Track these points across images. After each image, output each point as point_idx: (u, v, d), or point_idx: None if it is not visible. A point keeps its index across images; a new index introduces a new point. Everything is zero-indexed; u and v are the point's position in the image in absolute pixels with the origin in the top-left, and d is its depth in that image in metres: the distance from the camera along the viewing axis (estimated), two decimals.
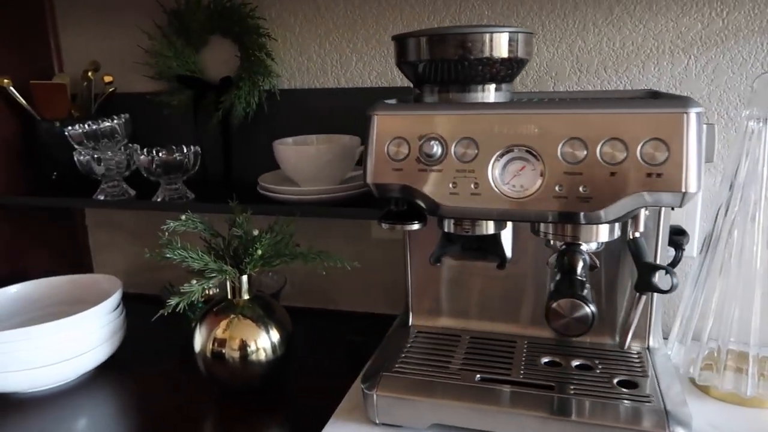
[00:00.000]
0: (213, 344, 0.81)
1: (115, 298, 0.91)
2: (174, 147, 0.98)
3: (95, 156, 0.97)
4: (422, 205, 0.65)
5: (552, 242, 0.67)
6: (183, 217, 0.81)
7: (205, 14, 1.03)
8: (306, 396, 0.83)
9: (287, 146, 0.95)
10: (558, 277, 0.59)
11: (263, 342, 0.81)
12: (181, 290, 0.77)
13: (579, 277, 0.59)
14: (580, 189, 0.59)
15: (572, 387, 0.67)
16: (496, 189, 0.61)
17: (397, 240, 1.04)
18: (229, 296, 0.83)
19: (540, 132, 0.60)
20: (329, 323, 1.06)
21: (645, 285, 0.62)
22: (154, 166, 0.95)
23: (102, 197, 1.00)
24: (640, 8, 0.87)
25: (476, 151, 0.62)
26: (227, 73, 1.07)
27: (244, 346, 0.80)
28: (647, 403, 0.63)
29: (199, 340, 0.83)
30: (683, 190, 0.56)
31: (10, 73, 1.05)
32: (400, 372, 0.71)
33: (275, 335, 0.82)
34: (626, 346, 0.70)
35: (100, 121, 0.99)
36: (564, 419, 0.63)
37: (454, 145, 0.62)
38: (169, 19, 1.06)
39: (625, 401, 0.64)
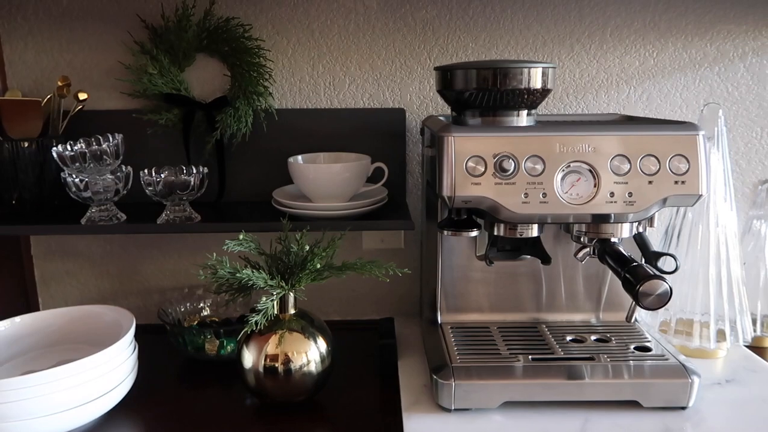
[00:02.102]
0: (265, 360, 0.83)
1: (132, 331, 0.87)
2: (183, 168, 0.96)
3: (82, 179, 0.91)
4: (495, 212, 0.76)
5: (582, 239, 0.82)
6: (240, 236, 0.82)
7: (193, 32, 1.02)
8: (350, 400, 0.88)
9: (308, 164, 0.99)
10: (628, 266, 0.74)
11: (313, 354, 0.85)
12: (258, 307, 0.78)
13: (641, 263, 0.74)
14: (626, 195, 0.74)
15: (606, 356, 0.82)
16: (560, 197, 0.74)
17: (385, 250, 1.13)
18: (276, 312, 0.85)
19: (594, 150, 0.74)
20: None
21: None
22: (160, 186, 0.92)
23: (93, 221, 0.94)
24: (594, 47, 1.07)
25: (543, 167, 0.74)
26: (213, 91, 1.07)
27: (296, 359, 0.83)
28: (665, 361, 0.81)
29: (248, 357, 0.84)
30: (699, 192, 0.74)
31: None
32: (465, 362, 0.81)
33: (322, 345, 0.86)
34: (632, 320, 0.87)
35: (92, 141, 0.93)
36: (613, 381, 0.78)
37: (524, 161, 0.74)
38: (151, 35, 1.03)
39: (649, 361, 0.81)
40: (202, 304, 1.12)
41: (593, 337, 0.88)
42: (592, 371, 0.79)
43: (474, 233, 0.81)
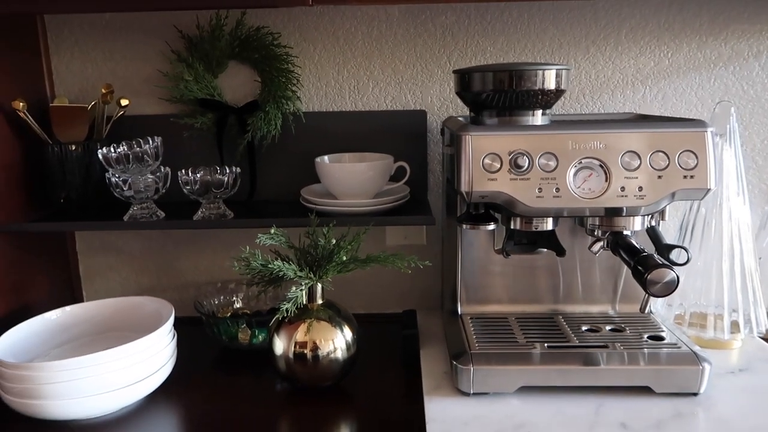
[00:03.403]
0: (294, 347, 0.89)
1: (171, 318, 0.93)
2: (218, 168, 1.02)
3: (125, 179, 0.98)
4: (511, 206, 0.80)
5: (596, 232, 0.86)
6: (272, 230, 0.88)
7: (226, 41, 1.09)
8: (375, 385, 0.93)
9: (335, 164, 1.04)
10: (638, 256, 0.77)
11: (339, 341, 0.90)
12: (288, 296, 0.84)
13: (651, 253, 0.78)
14: (637, 189, 0.78)
15: (619, 344, 0.86)
16: (572, 192, 0.78)
17: (408, 246, 1.18)
18: (304, 302, 0.90)
19: (605, 147, 0.78)
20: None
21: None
22: (197, 185, 0.99)
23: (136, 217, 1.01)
24: (609, 49, 1.11)
25: (556, 163, 0.78)
26: (244, 96, 1.13)
27: (324, 346, 0.89)
28: (677, 349, 0.84)
29: (279, 345, 0.89)
30: (708, 187, 0.78)
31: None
32: (484, 349, 0.85)
33: (348, 333, 0.91)
34: (646, 311, 0.90)
35: (134, 144, 1.00)
36: (626, 367, 0.81)
37: (538, 158, 0.79)
38: (187, 44, 1.09)
39: (662, 349, 0.84)
40: (234, 297, 1.18)
41: (608, 327, 0.92)
42: (606, 358, 0.83)
43: (491, 227, 0.85)
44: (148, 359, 0.86)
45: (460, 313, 0.99)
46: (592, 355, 0.83)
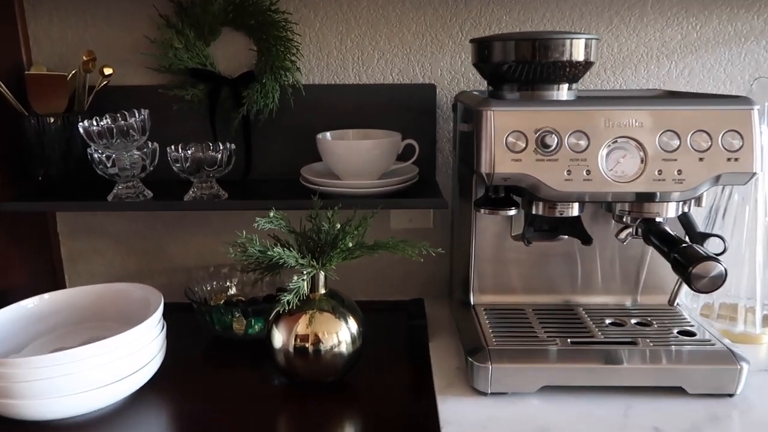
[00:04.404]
0: (295, 340, 0.82)
1: (160, 309, 0.86)
2: (210, 144, 0.94)
3: (108, 155, 0.90)
4: (535, 190, 0.72)
5: (625, 218, 0.79)
6: (271, 214, 0.80)
7: (219, 5, 0.99)
8: (381, 381, 0.87)
9: (339, 141, 0.96)
10: (678, 247, 0.70)
11: (344, 334, 0.83)
12: (290, 286, 0.76)
13: (691, 243, 0.71)
14: (675, 172, 0.71)
15: (648, 340, 0.79)
16: (604, 175, 0.71)
17: (414, 229, 1.11)
18: (306, 292, 0.83)
19: (641, 125, 0.71)
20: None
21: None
22: (188, 162, 0.91)
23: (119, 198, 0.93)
24: (634, 20, 1.02)
25: (587, 142, 0.71)
26: (238, 66, 1.04)
27: (327, 340, 0.81)
28: (711, 346, 0.78)
29: (278, 337, 0.82)
30: (753, 170, 0.71)
31: None
32: (502, 345, 0.79)
33: (353, 325, 0.84)
34: (675, 304, 0.84)
35: (118, 117, 0.92)
36: (657, 366, 0.75)
37: (567, 137, 0.71)
38: (177, 9, 1.00)
39: (695, 346, 0.78)
40: (228, 283, 1.10)
41: (633, 321, 0.85)
42: (633, 356, 0.76)
43: (512, 212, 0.78)
44: (135, 354, 0.78)
45: (472, 303, 0.92)
46: (620, 352, 0.77)
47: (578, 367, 0.75)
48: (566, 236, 0.86)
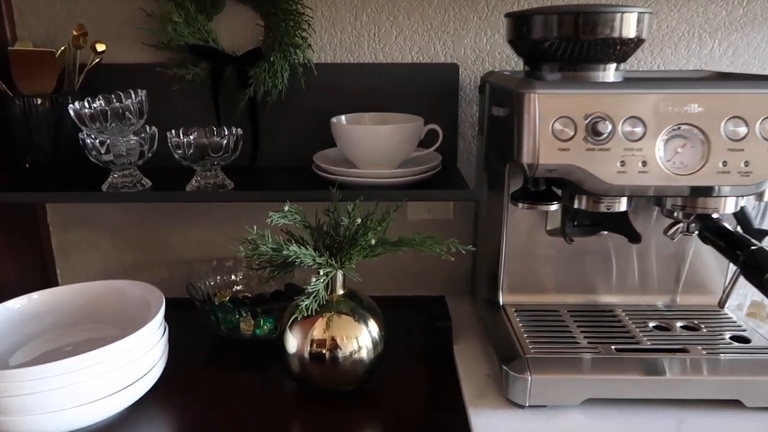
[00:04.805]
0: (311, 346, 0.74)
1: (162, 311, 0.78)
2: (214, 128, 0.86)
3: (102, 140, 0.81)
4: (582, 183, 0.65)
5: (677, 214, 0.71)
6: (286, 207, 0.72)
7: None
8: (403, 389, 0.79)
9: (356, 126, 0.88)
10: (748, 249, 0.63)
11: (364, 339, 0.76)
12: (309, 290, 0.69)
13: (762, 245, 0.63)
14: (742, 164, 0.63)
15: (700, 347, 0.72)
16: (662, 166, 0.63)
17: (433, 221, 1.03)
18: (325, 295, 0.75)
19: (704, 111, 0.63)
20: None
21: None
22: (191, 149, 0.82)
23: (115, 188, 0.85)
24: None
25: (643, 130, 0.63)
26: (243, 43, 0.95)
27: (346, 345, 0.74)
28: None
29: (292, 342, 0.75)
30: None
31: None
32: (541, 352, 0.71)
33: (374, 329, 0.77)
34: (726, 305, 0.77)
35: (113, 98, 0.83)
36: (714, 377, 0.68)
37: (621, 123, 0.63)
38: None
39: (753, 354, 0.71)
40: (233, 277, 1.03)
41: (679, 324, 0.78)
42: (685, 365, 0.69)
43: (554, 207, 0.71)
44: (134, 362, 0.71)
45: (501, 303, 0.84)
46: (670, 361, 0.70)
47: (625, 379, 0.68)
48: (605, 232, 0.78)
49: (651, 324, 0.78)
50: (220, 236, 1.05)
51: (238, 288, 1.02)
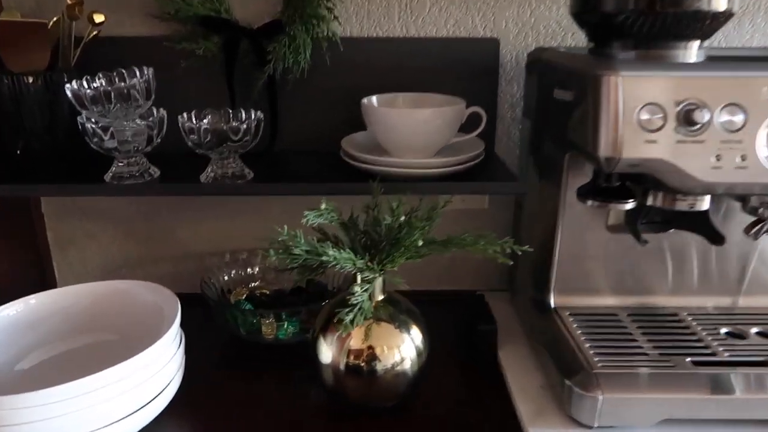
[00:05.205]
0: (348, 357, 0.66)
1: (178, 319, 0.69)
2: (230, 111, 0.76)
3: (105, 125, 0.71)
4: (668, 179, 0.56)
5: (762, 211, 0.63)
6: (323, 205, 0.63)
7: None
8: (448, 402, 0.72)
9: (390, 109, 0.78)
10: None
11: (407, 349, 0.68)
12: (352, 302, 0.60)
13: None
14: None
15: None
16: (762, 162, 0.55)
17: (466, 211, 0.95)
18: (370, 308, 0.66)
19: None
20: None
21: None
22: (208, 137, 0.72)
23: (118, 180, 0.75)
24: None
25: (744, 119, 0.55)
26: (258, 14, 0.85)
27: (387, 356, 0.66)
28: None
29: (327, 352, 0.67)
30: None
31: None
32: (609, 366, 0.64)
33: (417, 336, 0.69)
34: None
35: (115, 77, 0.73)
36: None
37: (718, 111, 0.55)
38: None
39: None
40: (249, 270, 0.94)
41: (753, 330, 0.71)
42: None
43: (630, 205, 0.62)
44: (147, 381, 0.62)
45: (553, 306, 0.77)
46: (758, 376, 0.62)
47: (708, 398, 0.61)
48: (672, 230, 0.70)
49: (722, 330, 0.71)
50: (233, 227, 0.96)
51: (255, 284, 0.94)
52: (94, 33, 0.81)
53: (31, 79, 0.76)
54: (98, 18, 0.79)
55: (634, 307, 0.76)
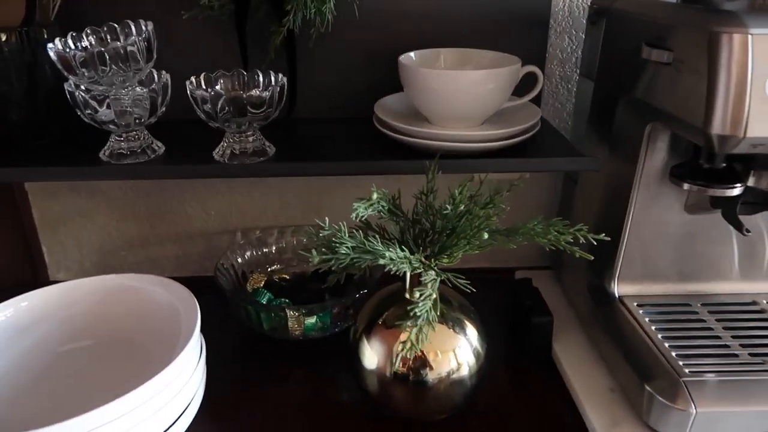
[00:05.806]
0: (396, 364, 0.58)
1: (198, 325, 0.59)
2: (243, 73, 0.65)
3: (98, 93, 0.60)
4: None
5: None
6: (375, 195, 0.52)
7: None
8: (507, 409, 0.64)
9: (435, 71, 0.66)
10: None
11: (464, 353, 0.59)
12: (416, 311, 0.51)
13: None
14: None
15: None
16: None
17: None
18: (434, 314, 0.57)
19: None
20: None
21: None
22: (225, 107, 0.61)
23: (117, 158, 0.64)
24: None
25: None
26: None
27: (441, 363, 0.58)
28: None
29: (371, 357, 0.59)
30: None
31: None
32: (698, 372, 0.56)
33: (473, 336, 0.60)
34: None
35: (106, 33, 0.61)
36: None
37: None
38: None
39: None
40: (264, 250, 0.85)
41: None
42: None
43: (737, 191, 0.53)
44: (167, 405, 0.53)
45: (618, 295, 0.68)
46: None
47: None
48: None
49: None
50: (245, 202, 0.86)
51: (272, 268, 0.84)
52: None
53: (4, 37, 0.63)
54: None
55: (704, 294, 0.68)
